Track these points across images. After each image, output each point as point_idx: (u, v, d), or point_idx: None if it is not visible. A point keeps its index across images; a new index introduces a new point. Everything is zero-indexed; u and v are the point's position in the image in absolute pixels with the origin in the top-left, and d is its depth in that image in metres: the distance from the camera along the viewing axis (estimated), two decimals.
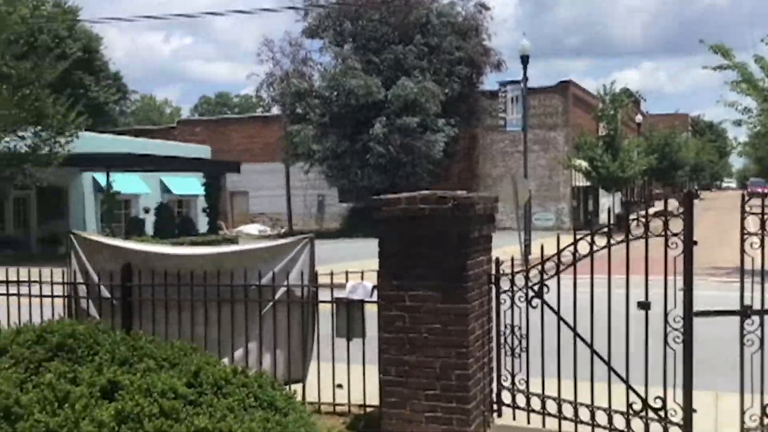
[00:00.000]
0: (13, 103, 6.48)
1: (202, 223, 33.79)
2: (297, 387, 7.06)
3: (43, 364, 4.38)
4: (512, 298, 6.43)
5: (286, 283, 7.01)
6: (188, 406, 4.05)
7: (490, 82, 41.78)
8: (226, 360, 7.16)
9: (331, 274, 6.97)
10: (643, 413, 5.91)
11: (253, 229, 42.08)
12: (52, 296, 7.71)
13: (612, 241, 5.96)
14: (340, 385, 7.06)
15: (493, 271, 6.61)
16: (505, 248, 13.44)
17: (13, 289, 7.88)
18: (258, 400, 4.40)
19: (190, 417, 3.93)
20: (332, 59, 38.73)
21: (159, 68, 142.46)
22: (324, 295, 7.06)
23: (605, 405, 5.99)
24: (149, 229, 30.40)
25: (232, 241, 29.23)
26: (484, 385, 6.43)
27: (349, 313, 6.84)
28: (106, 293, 7.54)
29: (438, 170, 37.87)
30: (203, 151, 40.68)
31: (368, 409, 6.79)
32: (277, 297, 7.05)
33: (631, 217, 6.20)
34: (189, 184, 36.26)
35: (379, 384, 6.33)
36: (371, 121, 36.16)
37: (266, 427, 4.15)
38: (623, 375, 5.92)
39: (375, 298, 6.55)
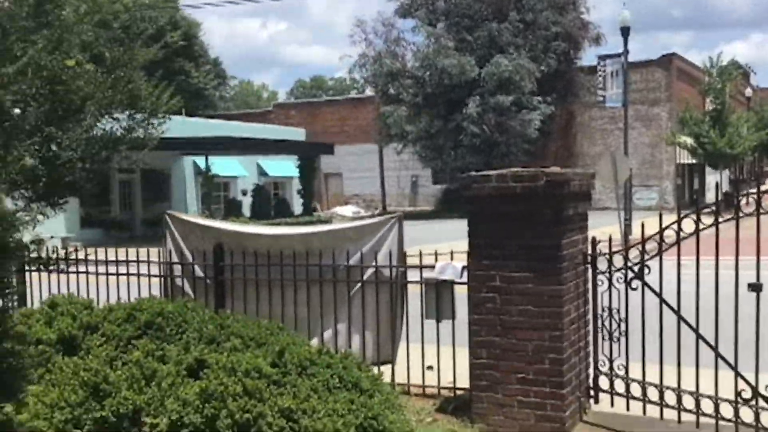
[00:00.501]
0: (107, 86, 6.60)
1: (298, 205, 34.30)
2: (386, 368, 7.02)
3: (132, 342, 4.43)
4: (610, 280, 6.11)
5: (374, 263, 6.92)
6: (272, 386, 4.00)
7: (588, 57, 40.54)
8: (315, 340, 7.16)
9: (420, 254, 6.83)
10: (753, 402, 5.52)
11: (347, 210, 42.42)
12: (149, 275, 7.89)
13: (720, 219, 5.57)
14: (430, 367, 6.93)
15: (590, 251, 6.31)
16: (603, 228, 12.95)
17: (112, 269, 8.11)
18: (342, 381, 4.32)
19: (274, 397, 3.87)
20: (425, 38, 38.40)
21: (256, 54, 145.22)
22: (413, 275, 6.93)
23: (711, 392, 5.63)
24: (246, 210, 31.11)
25: (326, 222, 29.55)
26: (580, 370, 6.17)
27: (438, 294, 6.68)
28: (199, 272, 7.66)
29: (533, 149, 37.10)
30: (298, 134, 41.25)
31: (458, 392, 6.64)
32: (365, 277, 6.97)
33: (741, 194, 5.77)
34: (284, 167, 36.85)
35: (470, 367, 6.16)
36: (465, 100, 35.72)
37: (350, 408, 4.07)
38: (731, 361, 5.54)
39: (465, 279, 6.37)
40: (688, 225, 5.70)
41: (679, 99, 39.09)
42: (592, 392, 6.33)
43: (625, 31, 24.98)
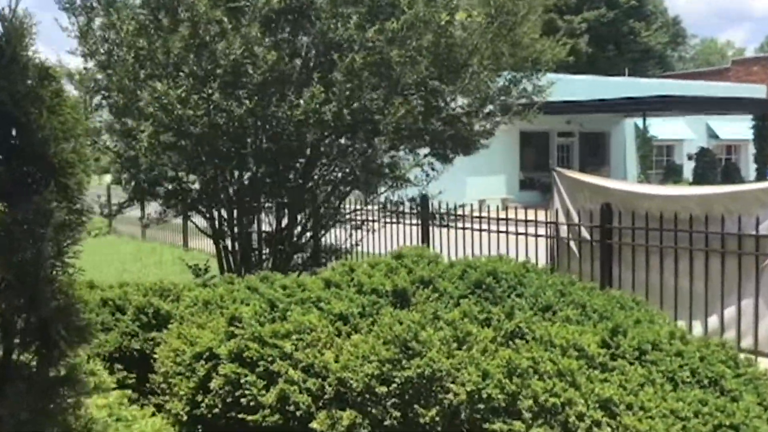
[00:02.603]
0: (490, 35, 6.26)
1: (751, 170, 30.67)
2: None
3: (460, 301, 4.10)
4: None
5: None
6: (595, 369, 3.32)
7: None
8: (713, 318, 6.09)
9: None
10: None
11: None
12: (536, 235, 7.55)
13: None
14: None
15: None
16: None
17: (503, 227, 7.95)
18: (696, 376, 3.41)
19: (592, 383, 3.19)
20: None
21: (723, 9, 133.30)
22: None
23: None
24: (688, 175, 28.86)
25: None
26: None
27: None
28: (585, 234, 7.07)
29: None
30: (757, 91, 36.72)
31: None
32: None
33: None
34: (740, 129, 33.16)
35: None
36: None
37: (698, 410, 3.17)
38: None
39: None
40: None
41: None
42: None
43: None
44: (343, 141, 7.24)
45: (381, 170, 6.77)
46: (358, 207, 8.08)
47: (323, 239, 8.34)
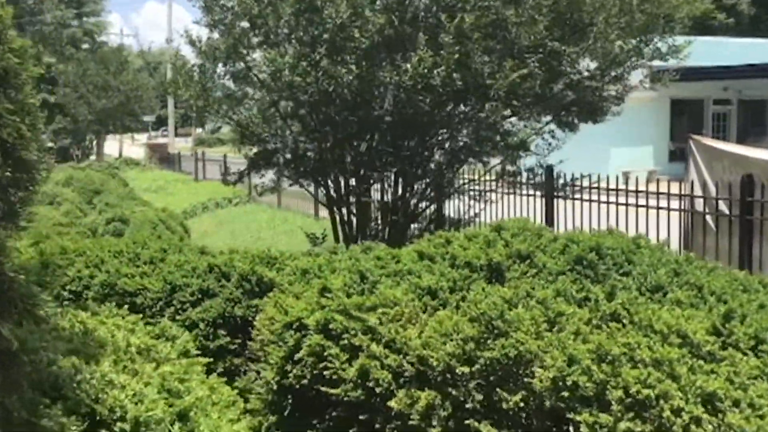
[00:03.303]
0: None
1: None
2: None
3: (559, 278, 3.78)
4: None
5: None
6: (700, 359, 2.92)
7: None
8: None
9: None
10: None
11: None
12: (668, 209, 6.98)
13: None
14: None
15: None
16: None
17: (630, 199, 7.41)
18: None
19: (695, 374, 2.81)
20: None
21: None
22: None
23: None
24: None
25: None
26: None
27: None
28: (723, 208, 6.44)
29: None
30: None
31: None
32: None
33: None
34: None
35: None
36: None
37: None
38: None
39: None
40: None
41: None
42: None
43: None
44: (462, 108, 6.97)
45: (493, 138, 6.43)
46: (475, 177, 7.78)
47: (439, 210, 8.12)
